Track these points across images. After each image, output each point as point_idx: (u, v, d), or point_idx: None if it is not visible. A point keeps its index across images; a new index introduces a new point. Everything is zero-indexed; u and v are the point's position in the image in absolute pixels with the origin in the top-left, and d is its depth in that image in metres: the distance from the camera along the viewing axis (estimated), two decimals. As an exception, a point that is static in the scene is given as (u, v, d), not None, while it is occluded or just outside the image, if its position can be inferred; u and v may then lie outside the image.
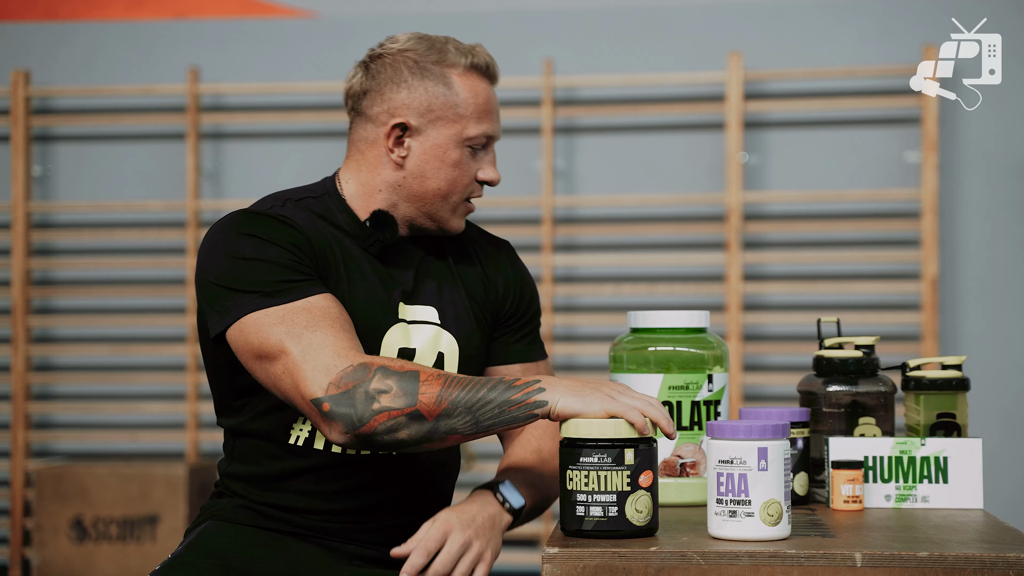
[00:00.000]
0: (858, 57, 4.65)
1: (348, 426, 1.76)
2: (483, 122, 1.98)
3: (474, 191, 2.02)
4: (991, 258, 4.62)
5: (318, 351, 1.79)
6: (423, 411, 1.75)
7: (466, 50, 2.00)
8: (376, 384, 1.76)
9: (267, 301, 1.84)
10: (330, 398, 1.77)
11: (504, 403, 1.74)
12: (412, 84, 1.98)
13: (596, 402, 1.70)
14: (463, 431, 1.76)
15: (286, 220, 1.92)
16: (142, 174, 4.96)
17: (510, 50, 4.80)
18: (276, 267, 1.87)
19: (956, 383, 2.07)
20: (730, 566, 1.58)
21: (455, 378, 1.77)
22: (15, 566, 4.82)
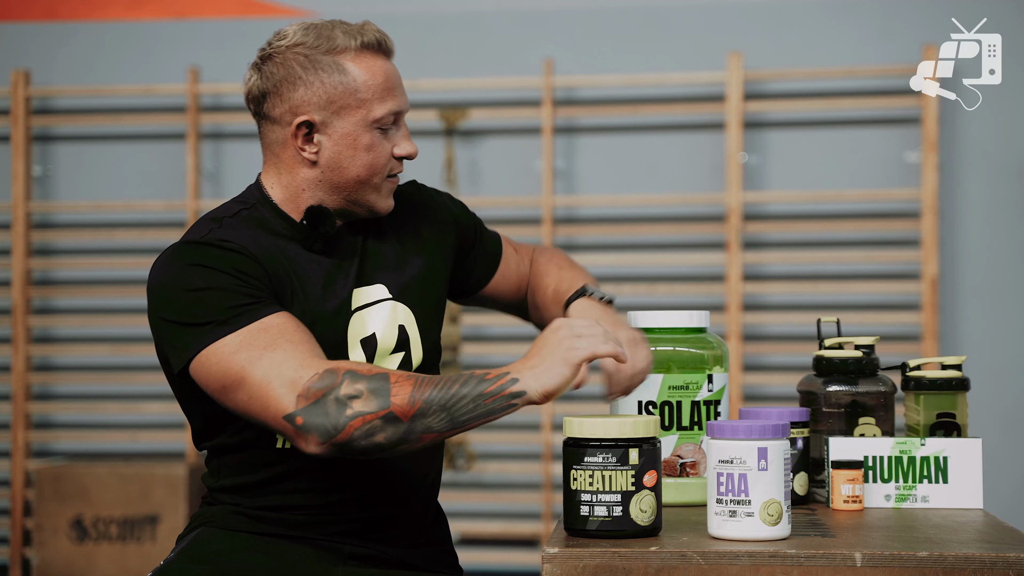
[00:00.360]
0: (858, 57, 4.65)
1: (324, 436, 1.74)
2: (387, 100, 1.95)
3: (394, 168, 2.00)
4: (991, 258, 4.62)
5: (281, 368, 1.77)
6: (397, 412, 1.73)
7: (354, 31, 1.97)
8: (346, 389, 1.74)
9: (222, 330, 1.81)
10: (302, 411, 1.74)
11: (478, 396, 1.73)
12: (307, 80, 1.94)
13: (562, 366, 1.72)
14: (439, 429, 1.74)
15: (227, 244, 1.89)
16: (142, 174, 4.96)
17: (510, 50, 4.80)
18: (226, 294, 1.84)
19: (956, 383, 2.07)
20: (730, 566, 1.58)
21: (425, 378, 1.76)
22: (15, 566, 4.82)
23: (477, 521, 4.73)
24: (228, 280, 1.85)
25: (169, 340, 1.87)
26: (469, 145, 4.80)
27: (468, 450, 4.71)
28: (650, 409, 2.04)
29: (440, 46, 4.82)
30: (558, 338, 1.75)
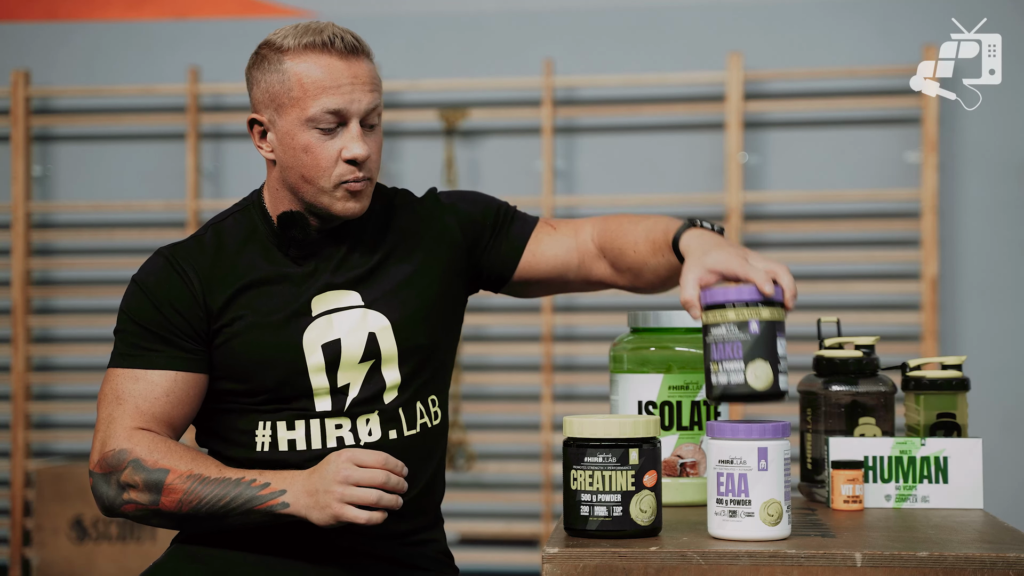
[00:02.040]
0: (858, 57, 4.65)
1: (104, 508, 1.91)
2: (321, 98, 1.90)
3: (343, 174, 1.93)
4: (991, 258, 4.62)
5: (107, 424, 1.91)
6: (164, 511, 1.87)
7: (308, 31, 1.94)
8: (126, 476, 1.87)
9: (117, 360, 1.95)
10: (95, 475, 1.91)
11: (250, 510, 1.84)
12: (257, 78, 1.97)
13: (332, 511, 1.79)
14: (209, 528, 1.91)
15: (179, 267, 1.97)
16: (142, 174, 4.96)
17: (510, 50, 4.80)
18: (140, 330, 1.95)
19: (956, 383, 2.07)
20: (730, 566, 1.58)
21: (205, 477, 1.85)
22: (15, 566, 4.82)
23: (477, 521, 4.73)
24: (150, 315, 1.95)
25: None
26: (469, 145, 4.79)
27: (468, 450, 4.71)
28: (650, 409, 2.04)
29: (440, 46, 4.82)
30: (333, 480, 1.80)
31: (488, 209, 2.11)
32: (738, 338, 1.67)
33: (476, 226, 2.09)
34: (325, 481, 1.80)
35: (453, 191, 2.15)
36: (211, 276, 1.97)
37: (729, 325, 1.67)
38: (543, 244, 2.09)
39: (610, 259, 2.04)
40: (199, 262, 1.98)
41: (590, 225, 2.09)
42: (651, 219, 1.99)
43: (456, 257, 2.07)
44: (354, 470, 1.79)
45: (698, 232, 1.86)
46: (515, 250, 2.09)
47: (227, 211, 2.06)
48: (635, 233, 1.99)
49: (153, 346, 1.94)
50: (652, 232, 1.96)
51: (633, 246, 1.98)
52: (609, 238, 2.04)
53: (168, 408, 1.93)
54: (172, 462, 1.87)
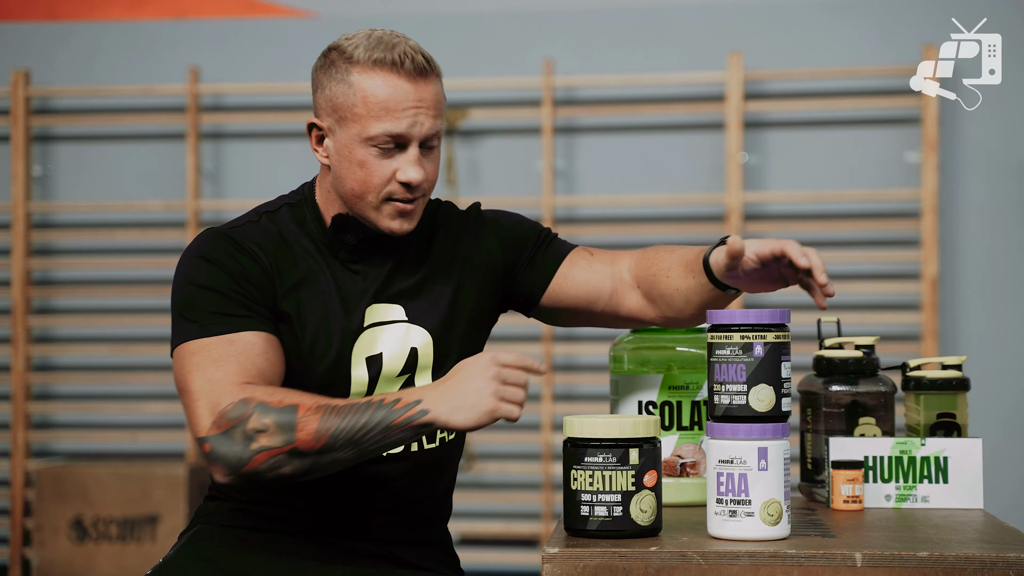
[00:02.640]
0: (858, 57, 4.65)
1: (229, 468, 1.78)
2: (384, 120, 1.88)
3: (394, 192, 1.92)
4: (991, 258, 4.62)
5: (212, 387, 1.82)
6: (302, 447, 1.76)
7: (378, 43, 1.91)
8: (253, 423, 1.77)
9: (199, 332, 1.87)
10: (212, 438, 1.79)
11: (387, 429, 1.76)
12: (324, 84, 1.94)
13: (475, 412, 1.74)
14: (347, 459, 1.78)
15: (247, 245, 1.93)
16: (142, 174, 4.96)
17: (510, 50, 4.80)
18: (220, 297, 1.89)
19: (956, 383, 2.07)
20: (730, 566, 1.58)
21: (335, 407, 1.77)
22: (15, 566, 4.82)
23: (477, 521, 4.73)
24: (226, 283, 1.89)
25: (172, 324, 1.93)
26: (469, 145, 4.80)
27: (468, 450, 4.71)
28: (650, 409, 2.04)
29: (440, 46, 4.80)
30: (484, 378, 1.75)
31: (529, 232, 2.09)
32: (742, 361, 1.68)
33: (516, 247, 2.08)
34: (474, 381, 1.75)
35: (496, 210, 2.13)
36: (276, 259, 1.94)
37: (734, 347, 1.68)
38: (575, 269, 2.07)
39: (643, 288, 2.01)
40: (263, 243, 1.94)
41: (628, 256, 2.06)
42: (688, 248, 1.99)
43: (493, 277, 2.07)
44: (503, 369, 1.76)
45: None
46: (546, 273, 2.07)
47: (277, 202, 2.03)
48: (669, 260, 1.98)
49: (237, 311, 1.88)
50: (686, 256, 1.95)
51: (666, 271, 1.97)
52: (644, 266, 2.02)
53: (267, 367, 1.87)
54: (297, 399, 1.79)
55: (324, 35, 4.96)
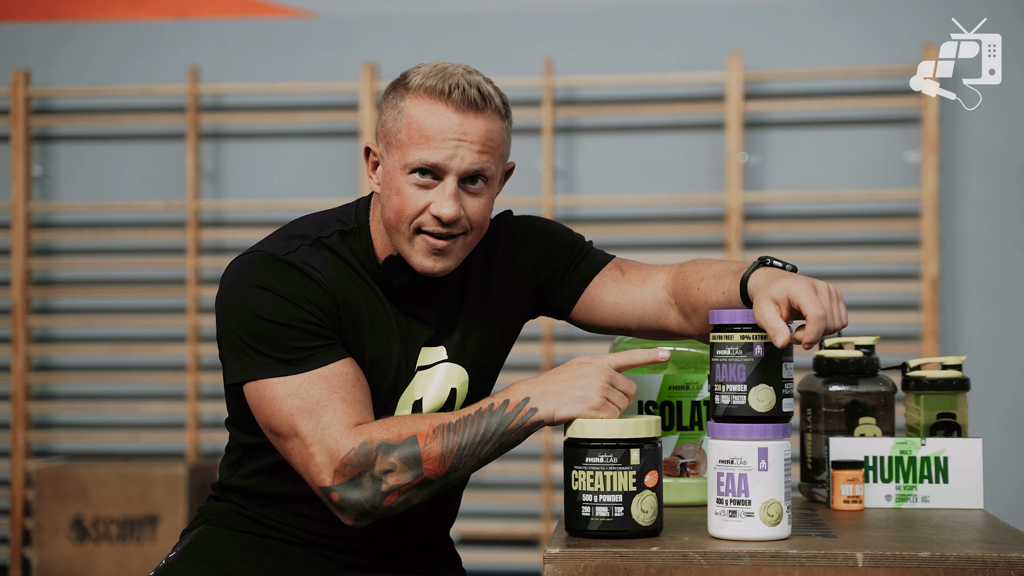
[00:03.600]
0: (858, 57, 4.65)
1: (360, 513, 1.78)
2: (422, 148, 1.83)
3: (424, 224, 1.85)
4: (991, 258, 4.62)
5: (325, 432, 1.78)
6: (430, 476, 1.76)
7: (437, 74, 1.86)
8: (380, 465, 1.76)
9: (284, 369, 1.81)
10: (338, 488, 1.77)
11: (503, 434, 1.76)
12: (383, 109, 1.90)
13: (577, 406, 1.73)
14: (470, 471, 1.79)
15: (308, 271, 1.86)
16: (142, 174, 4.96)
17: (510, 50, 4.80)
18: (296, 332, 1.82)
19: (956, 383, 2.07)
20: (732, 566, 1.58)
21: (449, 425, 1.76)
22: (15, 566, 4.82)
23: (477, 521, 4.73)
24: (299, 315, 1.83)
25: (228, 350, 1.86)
26: (469, 145, 4.80)
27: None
28: (651, 409, 2.04)
29: (440, 46, 4.82)
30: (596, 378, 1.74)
31: (564, 244, 2.05)
32: (742, 361, 1.68)
33: (549, 263, 2.04)
34: (584, 379, 1.74)
35: (529, 218, 2.08)
36: (338, 289, 1.88)
37: (734, 347, 1.68)
38: (604, 289, 2.02)
39: (679, 302, 1.97)
40: (324, 270, 1.87)
41: (664, 272, 2.01)
42: (727, 262, 1.94)
43: (526, 297, 2.04)
44: (616, 376, 1.75)
45: (767, 270, 1.80)
46: (574, 292, 2.04)
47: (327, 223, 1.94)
48: (703, 272, 1.93)
49: (318, 342, 1.83)
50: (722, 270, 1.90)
51: (698, 283, 1.92)
52: (679, 280, 1.97)
53: (364, 395, 1.83)
54: (413, 427, 1.77)
55: (324, 35, 4.99)
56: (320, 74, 4.85)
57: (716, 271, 1.90)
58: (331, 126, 4.86)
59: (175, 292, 4.85)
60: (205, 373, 4.84)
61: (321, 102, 4.87)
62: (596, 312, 2.03)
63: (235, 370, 1.85)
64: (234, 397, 1.94)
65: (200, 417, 4.85)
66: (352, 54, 4.84)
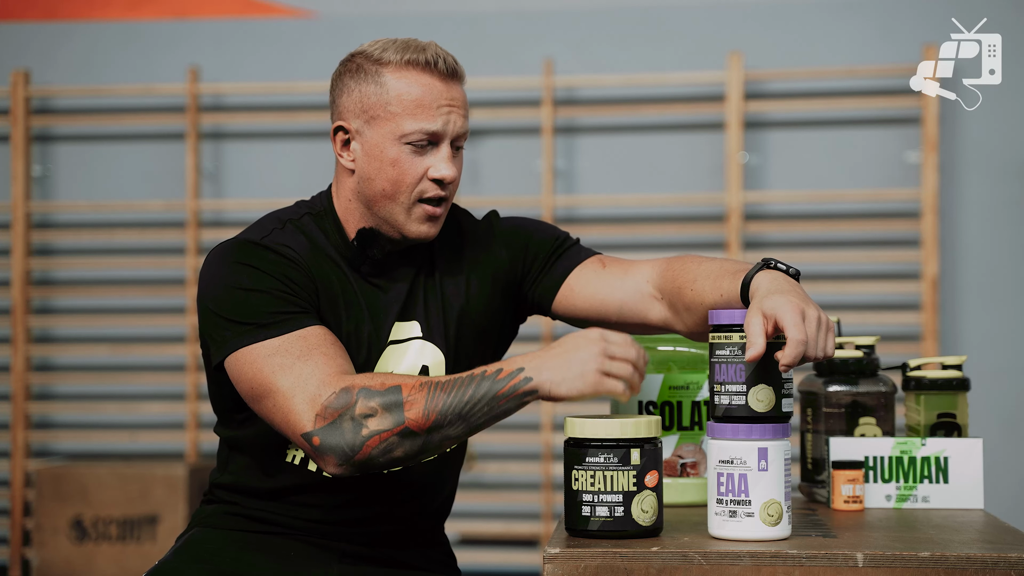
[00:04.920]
0: (858, 57, 4.65)
1: (341, 457, 1.74)
2: (419, 118, 1.91)
3: (426, 190, 1.93)
4: (991, 258, 4.62)
5: (306, 382, 1.77)
6: (412, 427, 1.73)
7: (407, 46, 1.94)
8: (360, 408, 1.73)
9: (263, 333, 1.83)
10: (319, 431, 1.75)
11: (493, 399, 1.72)
12: (350, 87, 1.96)
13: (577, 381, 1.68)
14: (456, 435, 1.74)
15: (283, 251, 1.91)
16: (142, 174, 4.96)
17: (510, 50, 4.80)
18: (272, 299, 1.85)
19: (956, 383, 2.07)
20: (732, 566, 1.58)
21: (437, 383, 1.74)
22: (15, 566, 4.82)
23: (477, 521, 4.73)
24: (275, 285, 1.87)
25: (211, 331, 1.88)
26: (469, 145, 4.79)
27: (468, 450, 4.71)
28: (651, 409, 2.04)
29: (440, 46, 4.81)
30: (589, 349, 1.70)
31: (544, 240, 2.07)
32: (741, 361, 1.67)
33: (528, 257, 2.06)
34: (579, 351, 1.70)
35: (514, 217, 2.12)
36: (311, 267, 1.93)
37: (733, 347, 1.68)
38: (583, 279, 2.04)
39: (668, 299, 1.96)
40: (298, 250, 1.93)
41: (649, 266, 2.01)
42: (721, 261, 1.93)
43: (503, 289, 2.06)
44: (612, 344, 1.70)
45: (771, 274, 1.80)
46: (554, 283, 2.05)
47: (296, 209, 2.01)
48: (697, 271, 1.92)
49: (295, 309, 1.86)
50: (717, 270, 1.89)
51: (691, 283, 1.91)
52: (669, 276, 1.96)
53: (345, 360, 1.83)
54: (398, 379, 1.75)
55: (324, 35, 4.99)
56: (320, 74, 4.85)
57: (710, 271, 1.90)
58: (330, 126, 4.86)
59: (175, 292, 4.85)
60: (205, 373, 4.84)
61: (321, 102, 4.87)
62: (576, 302, 2.03)
63: (217, 350, 1.87)
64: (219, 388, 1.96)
65: (200, 417, 4.85)
66: (352, 54, 4.83)
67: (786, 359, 1.65)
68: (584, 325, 2.05)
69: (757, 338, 1.65)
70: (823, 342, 1.68)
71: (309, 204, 2.02)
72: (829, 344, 1.69)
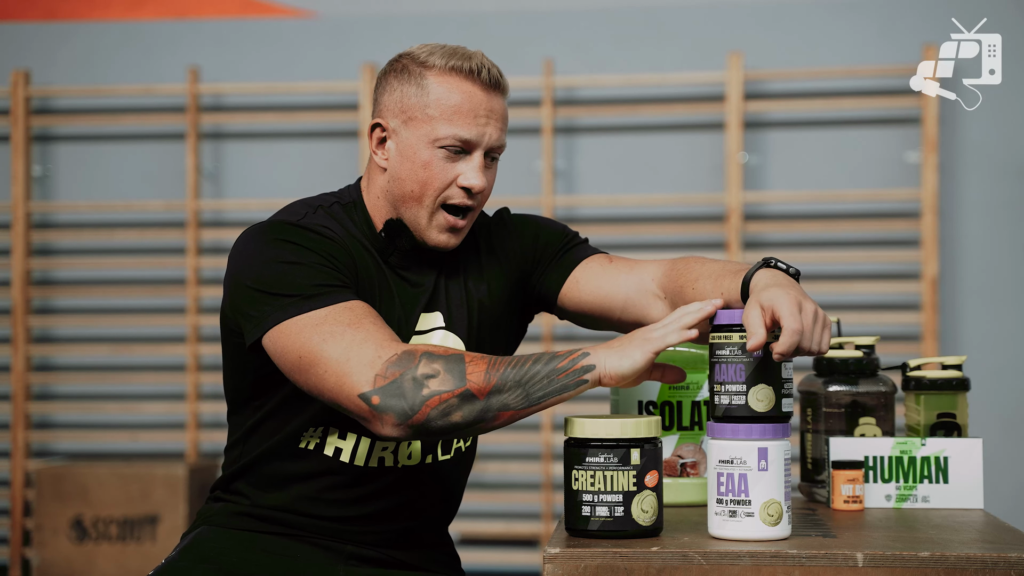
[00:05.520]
0: (858, 57, 4.65)
1: (400, 416, 1.73)
2: (455, 124, 1.92)
3: (451, 196, 1.94)
4: (991, 258, 4.62)
5: (361, 346, 1.76)
6: (473, 390, 1.72)
7: (454, 53, 1.95)
8: (423, 369, 1.73)
9: (308, 304, 1.81)
10: (378, 391, 1.73)
11: (551, 372, 1.72)
12: (393, 86, 1.97)
13: (637, 351, 1.70)
14: (515, 406, 1.73)
15: (321, 231, 1.92)
16: (142, 174, 4.96)
17: (510, 50, 4.80)
18: (315, 271, 1.85)
19: (956, 383, 2.07)
20: (732, 566, 1.58)
21: (498, 358, 1.75)
22: (15, 566, 4.82)
23: (477, 521, 4.73)
24: (317, 259, 1.87)
25: (247, 308, 1.86)
26: (469, 145, 4.80)
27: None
28: (651, 409, 2.04)
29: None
30: (641, 330, 1.73)
31: (553, 236, 2.10)
32: (741, 361, 1.68)
33: (537, 252, 2.08)
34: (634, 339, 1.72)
35: (525, 214, 2.14)
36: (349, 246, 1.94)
37: (733, 347, 1.68)
38: (589, 274, 2.05)
39: (671, 298, 1.97)
40: (334, 231, 1.94)
41: (654, 265, 2.03)
42: (724, 262, 1.95)
43: (515, 282, 2.08)
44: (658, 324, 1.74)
45: (770, 272, 1.81)
46: (560, 276, 2.07)
47: (325, 198, 2.02)
48: (700, 271, 1.94)
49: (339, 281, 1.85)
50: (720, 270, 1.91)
51: (693, 283, 1.93)
52: (672, 276, 1.98)
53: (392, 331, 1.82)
54: (459, 351, 1.76)
55: (324, 35, 4.99)
56: (320, 74, 4.85)
57: (712, 271, 1.91)
58: (331, 126, 4.86)
59: (175, 292, 4.85)
60: (205, 373, 4.84)
61: (321, 102, 4.87)
62: (581, 296, 2.04)
63: (255, 326, 1.84)
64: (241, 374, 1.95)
65: (200, 417, 4.85)
66: (352, 54, 4.84)
67: (780, 347, 1.65)
68: (588, 322, 2.07)
69: (757, 328, 1.65)
70: (818, 335, 1.69)
71: (337, 195, 2.03)
72: (824, 338, 1.70)
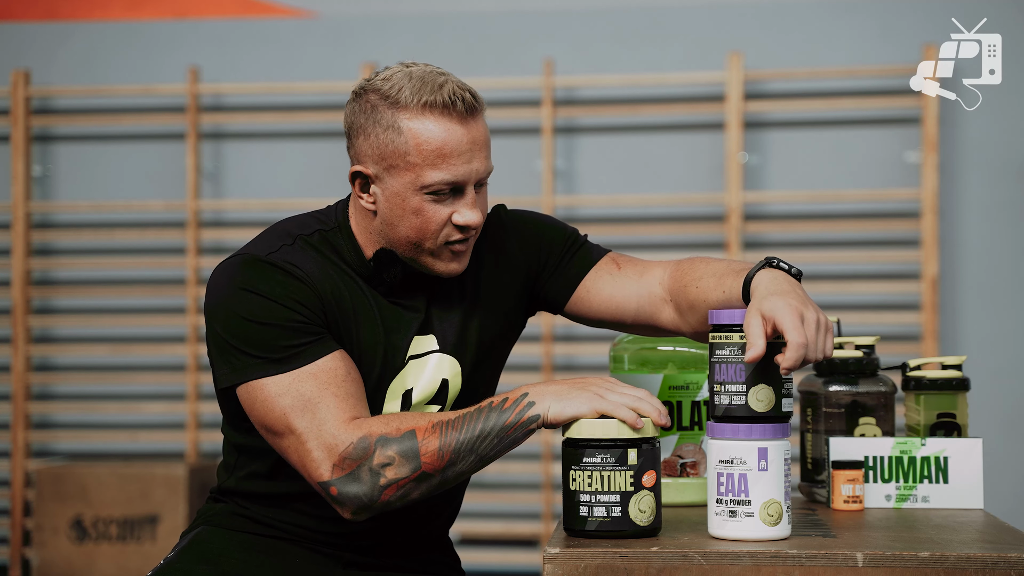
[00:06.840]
0: (858, 57, 4.65)
1: (359, 507, 1.77)
2: (441, 168, 1.83)
3: (451, 235, 1.87)
4: (991, 258, 4.62)
5: (322, 426, 1.78)
6: (429, 470, 1.75)
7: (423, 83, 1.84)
8: (378, 459, 1.75)
9: (273, 368, 1.81)
10: (336, 481, 1.76)
11: (501, 430, 1.75)
12: (367, 130, 1.86)
13: (584, 403, 1.71)
14: (471, 471, 1.78)
15: (294, 272, 1.86)
16: (142, 174, 4.96)
17: (510, 50, 4.80)
18: (282, 331, 1.82)
19: (956, 383, 2.07)
20: (732, 566, 1.58)
21: (448, 422, 1.75)
22: (15, 566, 4.82)
23: (477, 521, 4.73)
24: (284, 314, 1.83)
25: (218, 355, 1.86)
26: (469, 145, 4.80)
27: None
28: (650, 409, 2.03)
29: (440, 46, 4.82)
30: (595, 383, 1.74)
31: (555, 236, 2.04)
32: (741, 361, 1.67)
33: (541, 255, 2.03)
34: (582, 383, 1.74)
35: (523, 212, 2.07)
36: (322, 286, 1.88)
37: (733, 347, 1.68)
38: (599, 283, 2.01)
39: (675, 300, 1.95)
40: (308, 269, 1.87)
41: (661, 268, 1.99)
42: (728, 261, 1.92)
43: (517, 289, 2.03)
44: (615, 384, 1.74)
45: (771, 273, 1.79)
46: (570, 284, 2.02)
47: (307, 224, 1.94)
48: (704, 270, 1.91)
49: (306, 339, 1.82)
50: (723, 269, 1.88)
51: (696, 281, 1.90)
52: (677, 277, 1.95)
53: (355, 388, 1.83)
54: (411, 422, 1.77)
55: (324, 35, 4.99)
56: (320, 74, 4.85)
57: (716, 270, 1.89)
58: (331, 126, 4.86)
59: (175, 292, 4.85)
60: (205, 373, 4.84)
61: (321, 102, 4.87)
62: (592, 305, 2.02)
63: (225, 374, 1.85)
64: (227, 400, 1.94)
65: (200, 417, 4.85)
66: (352, 54, 4.84)
67: (787, 363, 1.65)
68: (598, 325, 2.05)
69: (757, 339, 1.65)
70: (822, 343, 1.69)
71: (321, 219, 1.96)
72: (828, 345, 1.70)
